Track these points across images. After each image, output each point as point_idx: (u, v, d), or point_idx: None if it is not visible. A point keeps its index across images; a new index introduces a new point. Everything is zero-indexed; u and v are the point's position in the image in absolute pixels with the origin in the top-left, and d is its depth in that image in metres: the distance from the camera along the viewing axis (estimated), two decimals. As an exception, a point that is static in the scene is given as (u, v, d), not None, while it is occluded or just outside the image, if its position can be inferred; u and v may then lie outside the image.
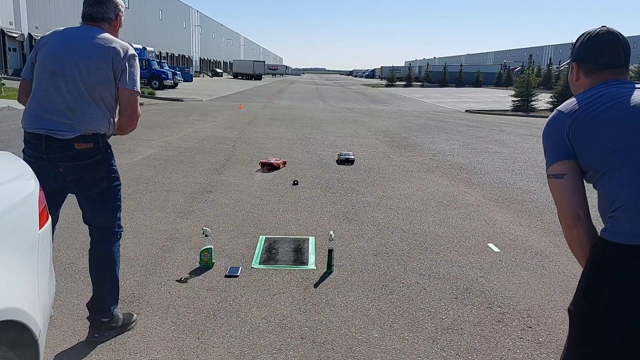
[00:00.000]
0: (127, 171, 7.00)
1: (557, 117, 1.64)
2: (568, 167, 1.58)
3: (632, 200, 1.45)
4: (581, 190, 1.58)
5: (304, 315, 3.04)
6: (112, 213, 2.68)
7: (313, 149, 9.88)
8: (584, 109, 1.58)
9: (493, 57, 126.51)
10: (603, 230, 1.53)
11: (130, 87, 2.52)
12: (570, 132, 1.57)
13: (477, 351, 2.70)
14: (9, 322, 1.56)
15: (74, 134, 2.46)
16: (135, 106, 2.59)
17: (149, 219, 4.83)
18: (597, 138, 1.53)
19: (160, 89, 29.16)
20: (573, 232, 1.57)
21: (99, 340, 2.65)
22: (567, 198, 1.57)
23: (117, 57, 2.47)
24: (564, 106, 1.66)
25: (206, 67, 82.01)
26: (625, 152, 1.49)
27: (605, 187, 1.53)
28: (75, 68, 2.45)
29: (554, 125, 1.64)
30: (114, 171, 2.66)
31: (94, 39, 2.49)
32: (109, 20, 2.59)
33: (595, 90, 1.63)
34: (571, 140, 1.57)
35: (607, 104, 1.56)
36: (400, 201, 5.90)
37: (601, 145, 1.53)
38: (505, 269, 3.88)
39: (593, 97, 1.60)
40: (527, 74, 24.99)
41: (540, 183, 7.18)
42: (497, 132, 14.23)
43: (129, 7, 51.57)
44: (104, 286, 2.68)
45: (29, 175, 2.06)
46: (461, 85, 54.59)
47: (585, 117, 1.57)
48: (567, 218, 1.57)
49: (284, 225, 4.82)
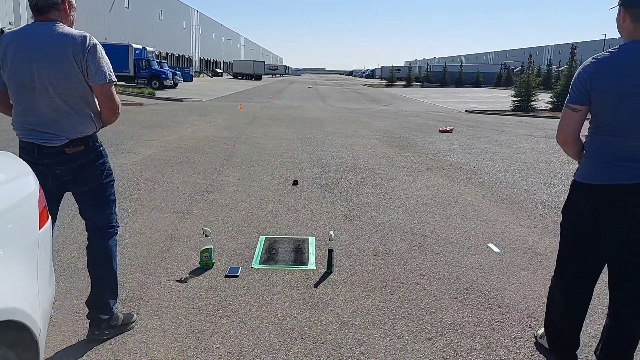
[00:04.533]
0: (127, 171, 7.00)
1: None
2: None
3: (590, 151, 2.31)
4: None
5: (304, 315, 3.03)
6: (107, 208, 2.74)
7: (313, 149, 9.88)
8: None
9: (493, 57, 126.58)
10: (576, 172, 2.38)
11: (100, 82, 2.47)
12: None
13: (477, 351, 2.70)
14: (9, 322, 1.56)
15: (64, 141, 2.49)
16: (112, 97, 2.55)
17: (149, 219, 4.83)
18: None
19: (160, 89, 29.16)
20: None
21: (98, 338, 2.66)
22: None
23: (77, 55, 2.39)
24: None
25: (206, 67, 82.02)
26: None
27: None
28: (46, 80, 2.41)
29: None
30: (107, 168, 2.71)
31: (50, 42, 2.40)
32: (55, 5, 2.47)
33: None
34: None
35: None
36: (400, 201, 5.90)
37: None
38: (505, 269, 3.88)
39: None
40: (527, 74, 24.96)
41: (540, 183, 7.18)
42: (497, 132, 14.23)
43: (129, 7, 51.61)
44: (102, 281, 2.70)
45: (29, 175, 2.05)
46: (461, 86, 54.57)
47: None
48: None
49: (284, 225, 4.82)
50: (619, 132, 2.18)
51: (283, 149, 9.62)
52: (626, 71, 2.13)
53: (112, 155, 8.58)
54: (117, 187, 6.23)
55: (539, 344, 2.78)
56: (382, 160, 8.78)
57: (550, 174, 7.87)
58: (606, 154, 2.22)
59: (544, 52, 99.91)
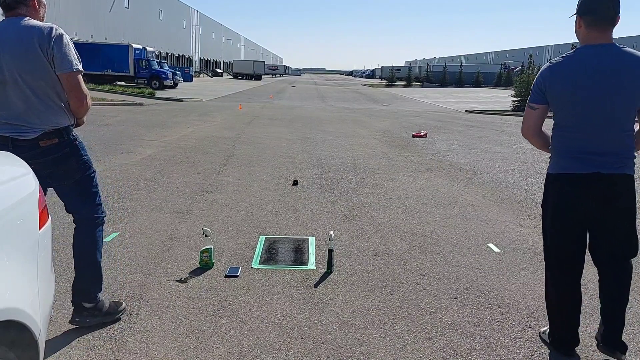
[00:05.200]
0: (126, 171, 7.00)
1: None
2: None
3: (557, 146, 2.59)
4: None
5: (303, 315, 3.03)
6: (90, 201, 2.77)
7: (313, 149, 9.88)
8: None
9: (493, 57, 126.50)
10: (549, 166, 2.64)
11: (66, 71, 2.49)
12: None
13: (477, 351, 2.70)
14: (9, 322, 1.56)
15: (37, 133, 2.52)
16: (79, 86, 2.56)
17: (149, 219, 4.83)
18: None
19: (160, 89, 29.17)
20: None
21: (80, 325, 2.74)
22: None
23: (43, 44, 2.43)
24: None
25: (206, 67, 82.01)
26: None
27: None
28: (15, 72, 2.45)
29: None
30: (86, 161, 2.72)
31: (17, 34, 2.44)
32: (24, 1, 2.52)
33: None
34: None
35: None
36: (400, 201, 5.90)
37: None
38: (505, 269, 3.88)
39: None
40: (527, 74, 25.01)
41: (540, 183, 7.16)
42: (497, 132, 14.23)
43: (129, 7, 51.60)
44: (85, 270, 2.77)
45: (29, 175, 2.06)
46: (461, 85, 54.58)
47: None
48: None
49: (284, 225, 4.82)
50: (574, 128, 2.47)
51: (283, 149, 9.62)
52: (577, 74, 2.40)
53: (112, 155, 8.62)
54: (118, 187, 6.23)
55: (542, 338, 2.84)
56: (382, 160, 8.78)
57: (550, 174, 7.86)
58: (568, 148, 2.51)
59: (544, 52, 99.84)
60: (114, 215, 4.80)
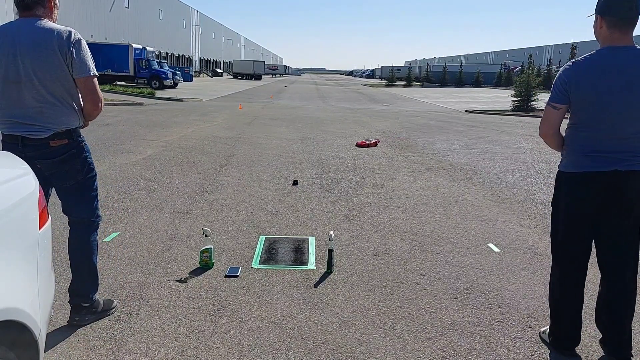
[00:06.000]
0: (127, 171, 7.00)
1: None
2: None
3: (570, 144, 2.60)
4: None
5: (304, 316, 3.03)
6: (88, 204, 2.81)
7: (313, 149, 9.88)
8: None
9: (493, 57, 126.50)
10: (560, 164, 2.67)
11: (84, 75, 2.56)
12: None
13: (477, 351, 2.70)
14: (9, 322, 1.56)
15: (48, 133, 2.56)
16: (95, 90, 2.63)
17: (149, 219, 4.83)
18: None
19: (160, 89, 29.18)
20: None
21: (79, 324, 2.78)
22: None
23: (63, 47, 2.48)
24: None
25: (206, 67, 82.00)
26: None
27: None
28: (32, 73, 2.48)
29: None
30: (89, 163, 2.77)
31: (36, 35, 2.48)
32: (41, 2, 2.56)
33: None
34: None
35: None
36: (400, 201, 5.90)
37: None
38: (505, 269, 3.88)
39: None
40: (527, 74, 24.95)
41: (540, 183, 7.18)
42: (497, 132, 14.23)
43: (129, 7, 51.60)
44: (82, 272, 2.81)
45: (29, 175, 2.05)
46: (461, 85, 54.58)
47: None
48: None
49: (284, 225, 4.82)
50: (593, 128, 2.47)
51: (283, 149, 9.62)
52: (602, 74, 2.41)
53: (113, 155, 8.62)
54: (118, 187, 6.23)
55: (542, 338, 2.85)
56: (383, 160, 8.78)
57: (550, 174, 7.85)
58: (584, 146, 2.51)
59: (544, 52, 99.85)
60: (114, 215, 4.80)
